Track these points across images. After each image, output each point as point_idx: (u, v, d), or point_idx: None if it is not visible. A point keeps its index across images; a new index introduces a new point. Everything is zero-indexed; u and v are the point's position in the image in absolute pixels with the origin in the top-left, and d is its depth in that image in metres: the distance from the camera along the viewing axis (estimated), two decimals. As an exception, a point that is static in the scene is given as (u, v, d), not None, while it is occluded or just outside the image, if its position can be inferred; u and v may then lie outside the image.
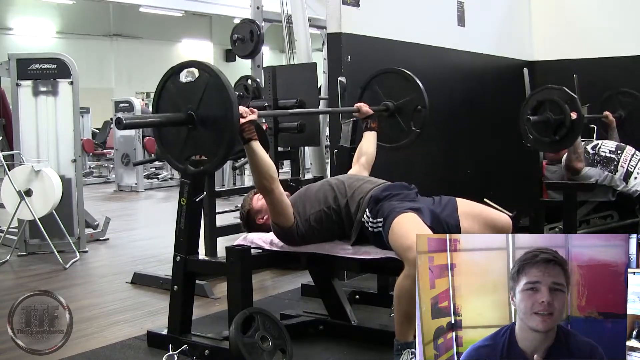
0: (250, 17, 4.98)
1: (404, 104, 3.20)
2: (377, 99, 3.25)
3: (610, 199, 4.30)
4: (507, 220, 2.61)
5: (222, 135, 2.21)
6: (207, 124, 2.23)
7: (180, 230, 2.78)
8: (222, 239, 4.07)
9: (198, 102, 2.23)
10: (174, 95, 2.29)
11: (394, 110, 3.22)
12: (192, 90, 2.26)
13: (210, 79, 2.22)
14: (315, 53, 4.99)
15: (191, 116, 2.24)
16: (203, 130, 2.24)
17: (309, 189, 2.73)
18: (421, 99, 3.15)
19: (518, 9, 5.43)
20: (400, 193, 2.58)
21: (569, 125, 3.60)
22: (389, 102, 3.22)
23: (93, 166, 11.75)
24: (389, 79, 3.27)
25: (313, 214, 2.62)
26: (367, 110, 3.10)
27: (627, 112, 4.72)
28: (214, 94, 2.20)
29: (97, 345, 2.92)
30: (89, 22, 16.76)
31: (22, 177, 4.56)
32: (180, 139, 2.30)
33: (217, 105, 2.20)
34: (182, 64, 2.36)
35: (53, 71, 5.00)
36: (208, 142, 2.25)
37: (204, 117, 2.23)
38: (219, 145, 2.23)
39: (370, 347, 2.78)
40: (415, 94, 3.16)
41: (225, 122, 2.19)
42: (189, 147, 2.31)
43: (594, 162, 4.21)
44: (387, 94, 3.23)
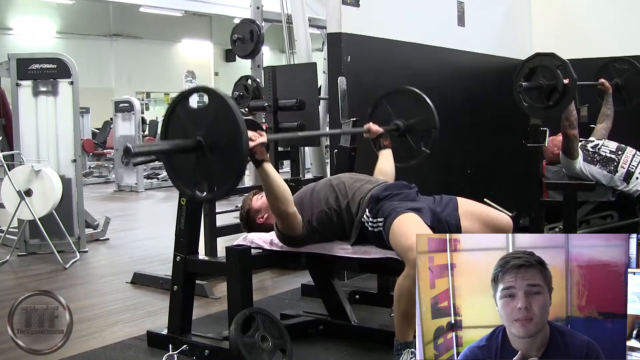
0: (250, 17, 4.98)
1: (414, 123, 3.16)
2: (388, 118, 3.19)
3: (610, 199, 4.30)
4: (508, 220, 2.61)
5: (231, 163, 2.17)
6: (216, 151, 2.18)
7: (180, 230, 2.78)
8: (222, 239, 4.07)
9: (207, 128, 2.18)
10: (183, 121, 2.24)
11: (404, 130, 3.17)
12: (201, 116, 2.21)
13: (219, 106, 2.17)
14: (315, 53, 4.99)
15: (200, 143, 2.18)
16: (212, 158, 2.18)
17: (310, 189, 2.73)
18: (432, 119, 3.10)
19: (518, 9, 5.43)
20: (401, 193, 2.58)
21: (561, 90, 3.63)
22: (399, 121, 3.18)
23: (93, 166, 11.75)
24: (400, 98, 3.22)
25: (315, 215, 2.62)
26: (377, 130, 3.03)
27: (624, 80, 4.73)
28: (222, 121, 2.15)
29: (97, 345, 2.92)
30: (89, 22, 16.77)
31: (22, 177, 4.56)
32: (189, 165, 2.25)
33: (226, 133, 2.15)
34: (191, 90, 2.32)
35: (53, 71, 5.00)
36: (217, 169, 2.20)
37: (213, 144, 2.17)
38: (228, 174, 2.18)
39: (370, 347, 2.78)
40: (426, 114, 3.12)
41: (235, 151, 2.14)
42: (197, 174, 2.26)
43: (594, 161, 4.21)
44: (398, 113, 3.19)
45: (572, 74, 3.62)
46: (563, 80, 3.61)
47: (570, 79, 3.61)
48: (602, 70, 4.73)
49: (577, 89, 4.57)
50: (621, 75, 4.73)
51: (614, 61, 4.76)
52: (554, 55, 3.71)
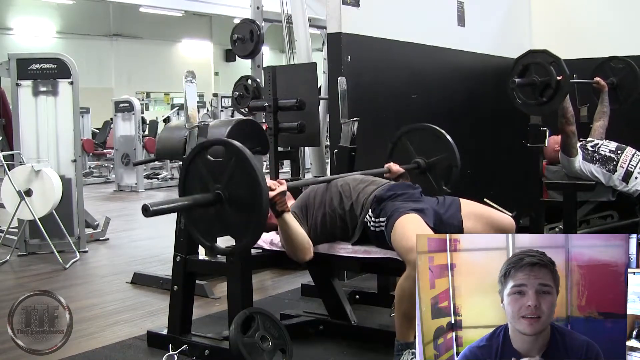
0: (250, 17, 4.98)
1: (435, 162, 3.15)
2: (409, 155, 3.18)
3: (610, 198, 4.30)
4: (510, 220, 2.61)
5: (250, 218, 2.17)
6: (235, 204, 2.18)
7: (180, 230, 2.78)
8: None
9: (226, 181, 2.18)
10: (202, 173, 2.24)
11: (425, 168, 3.15)
12: (219, 169, 2.20)
13: (237, 159, 2.16)
14: (315, 53, 4.99)
15: (219, 196, 2.18)
16: (231, 211, 2.18)
17: (315, 191, 2.72)
18: (453, 157, 3.09)
19: (518, 9, 5.43)
20: (405, 193, 2.58)
21: (555, 86, 3.64)
22: (420, 159, 3.16)
23: (93, 166, 11.75)
24: (420, 134, 3.22)
25: (319, 218, 2.62)
26: (397, 170, 3.00)
27: (619, 79, 4.74)
28: (241, 175, 2.15)
29: (97, 345, 2.92)
30: (89, 22, 16.78)
31: (22, 177, 4.56)
32: (208, 218, 2.25)
33: (246, 187, 2.15)
34: (211, 141, 2.32)
35: (53, 71, 5.00)
36: (236, 223, 2.20)
37: (233, 197, 2.17)
38: (248, 227, 2.18)
39: (370, 347, 2.78)
40: (447, 152, 3.11)
41: (254, 205, 2.14)
42: (217, 227, 2.26)
43: (593, 160, 4.21)
44: (418, 150, 3.17)
45: (565, 70, 3.63)
46: (556, 76, 3.63)
47: (563, 75, 3.63)
48: (598, 69, 4.75)
49: (576, 88, 4.62)
50: (617, 75, 4.75)
51: (610, 60, 4.77)
52: (547, 51, 3.73)
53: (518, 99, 3.77)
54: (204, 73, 18.37)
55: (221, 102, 11.63)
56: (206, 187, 2.22)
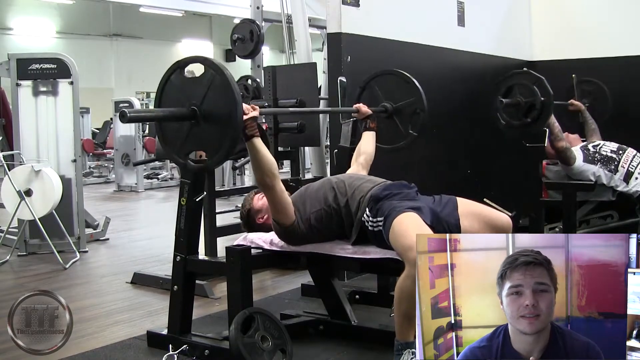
0: (250, 17, 4.98)
1: (402, 106, 3.19)
2: (376, 99, 3.24)
3: (611, 198, 4.30)
4: (507, 220, 2.61)
5: (225, 132, 2.21)
6: (210, 120, 2.22)
7: (180, 230, 2.78)
8: (222, 239, 4.07)
9: (202, 98, 2.22)
10: (178, 90, 2.29)
11: (392, 112, 3.20)
12: (196, 86, 2.25)
13: (215, 76, 2.20)
14: (315, 53, 4.99)
15: (194, 111, 2.23)
16: (206, 126, 2.23)
17: (310, 188, 2.74)
18: (420, 102, 3.13)
19: (518, 9, 5.43)
20: (401, 192, 2.58)
21: (539, 107, 3.68)
22: (387, 103, 3.21)
23: (93, 166, 11.75)
24: (389, 80, 3.26)
25: (313, 213, 2.62)
26: (365, 111, 3.10)
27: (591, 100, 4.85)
28: (218, 91, 2.19)
29: (97, 345, 2.92)
30: (89, 22, 16.76)
31: (22, 177, 4.56)
32: (182, 134, 2.29)
33: (221, 102, 2.19)
34: (188, 59, 2.35)
35: (53, 71, 5.00)
36: (210, 138, 2.24)
37: (208, 113, 2.22)
38: (221, 142, 2.22)
39: (370, 347, 2.78)
40: (414, 97, 3.15)
41: (229, 120, 2.18)
42: (190, 143, 2.30)
43: (594, 160, 4.21)
44: (386, 95, 3.22)
45: (548, 91, 3.65)
46: (540, 97, 3.68)
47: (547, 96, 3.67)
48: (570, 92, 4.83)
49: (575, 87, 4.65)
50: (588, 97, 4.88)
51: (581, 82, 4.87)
52: (530, 72, 3.79)
53: (502, 119, 3.80)
54: (204, 73, 18.34)
55: (221, 102, 11.60)
56: (182, 103, 2.25)
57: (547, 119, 3.81)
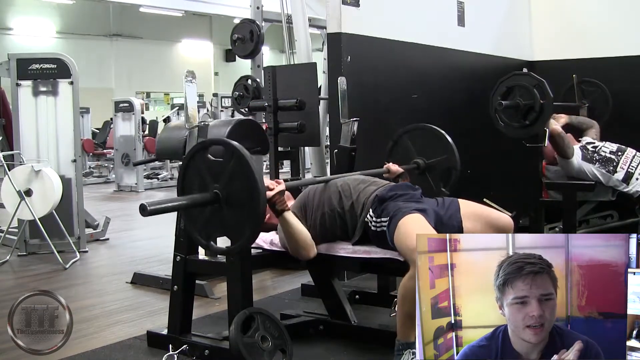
0: (250, 17, 4.98)
1: (435, 163, 3.15)
2: (408, 154, 3.19)
3: (611, 198, 4.30)
4: (509, 220, 2.62)
5: (247, 219, 2.18)
6: (232, 205, 2.19)
7: (180, 230, 2.78)
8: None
9: (224, 182, 2.18)
10: (201, 172, 2.24)
11: (424, 169, 3.16)
12: (218, 169, 2.21)
13: (236, 160, 2.17)
14: (315, 53, 4.99)
15: (217, 196, 2.19)
16: (228, 212, 2.19)
17: (314, 190, 2.72)
18: (453, 160, 3.11)
19: (518, 9, 5.42)
20: (406, 193, 2.59)
21: (538, 110, 3.68)
22: (419, 159, 3.17)
23: (93, 166, 11.75)
24: (420, 134, 3.22)
25: (318, 217, 2.62)
26: (396, 170, 3.02)
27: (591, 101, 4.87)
28: (240, 175, 2.16)
29: (97, 345, 2.92)
30: (89, 22, 16.77)
31: (22, 177, 4.56)
32: (204, 217, 2.25)
33: (244, 187, 2.15)
34: (209, 141, 2.33)
35: (53, 71, 5.00)
36: (234, 223, 2.21)
37: (230, 198, 2.18)
38: (244, 228, 2.19)
39: (370, 347, 2.78)
40: (447, 153, 3.12)
41: (251, 208, 2.15)
42: (214, 226, 2.27)
43: (592, 160, 4.21)
44: (418, 150, 3.18)
45: (548, 93, 3.66)
46: (540, 99, 3.66)
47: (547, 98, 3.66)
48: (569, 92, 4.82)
49: (575, 87, 4.66)
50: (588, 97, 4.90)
51: (581, 83, 4.87)
52: (531, 74, 3.79)
53: (501, 121, 3.81)
54: (204, 73, 18.37)
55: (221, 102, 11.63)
56: (204, 187, 2.22)
57: (546, 121, 3.81)
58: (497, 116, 3.82)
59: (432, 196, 2.82)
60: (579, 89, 4.86)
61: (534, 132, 3.82)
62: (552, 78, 4.00)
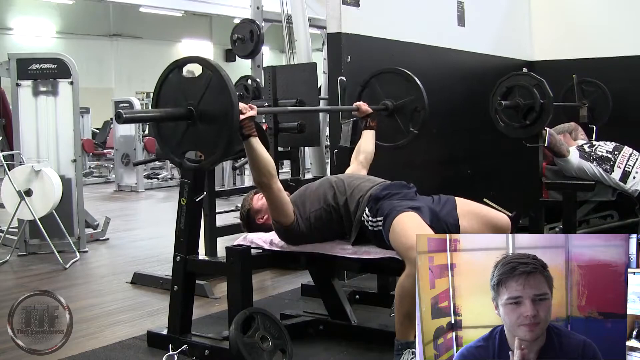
0: (250, 17, 4.98)
1: (403, 104, 3.20)
2: (377, 97, 3.24)
3: (610, 198, 4.30)
4: (506, 219, 2.61)
5: (221, 133, 2.21)
6: (206, 120, 2.22)
7: (180, 230, 2.78)
8: (222, 239, 4.07)
9: (199, 98, 2.21)
10: (175, 90, 2.28)
11: (392, 110, 3.21)
12: (193, 86, 2.25)
13: (213, 77, 2.20)
14: (315, 53, 4.99)
15: (191, 112, 2.22)
16: (202, 127, 2.23)
17: (309, 187, 2.74)
18: (421, 100, 3.14)
19: (518, 9, 5.42)
20: (400, 192, 2.59)
21: (538, 110, 3.70)
22: (388, 101, 3.21)
23: (93, 166, 11.75)
24: (390, 78, 3.26)
25: (313, 212, 2.62)
26: (366, 109, 3.09)
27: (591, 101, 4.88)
28: (215, 91, 2.19)
29: (97, 345, 2.92)
30: (89, 22, 16.76)
31: (22, 177, 4.56)
32: (178, 134, 2.29)
33: (218, 102, 2.19)
34: (185, 59, 2.35)
35: (53, 71, 5.00)
36: (207, 138, 2.24)
37: (204, 113, 2.22)
38: (217, 143, 2.22)
39: (370, 347, 2.78)
40: (415, 94, 3.16)
41: (225, 120, 2.18)
42: (187, 142, 2.30)
43: (590, 159, 4.21)
44: (387, 94, 3.23)
45: (548, 93, 3.66)
46: (540, 99, 3.67)
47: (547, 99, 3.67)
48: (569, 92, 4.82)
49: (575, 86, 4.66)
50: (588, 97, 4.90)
51: (581, 83, 4.87)
52: (531, 74, 3.80)
53: (501, 121, 3.82)
54: (204, 73, 18.33)
55: (221, 102, 11.60)
56: (179, 103, 2.25)
57: (546, 121, 3.82)
58: (497, 116, 3.82)
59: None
60: (579, 89, 4.86)
61: (534, 132, 3.82)
62: (552, 78, 4.01)
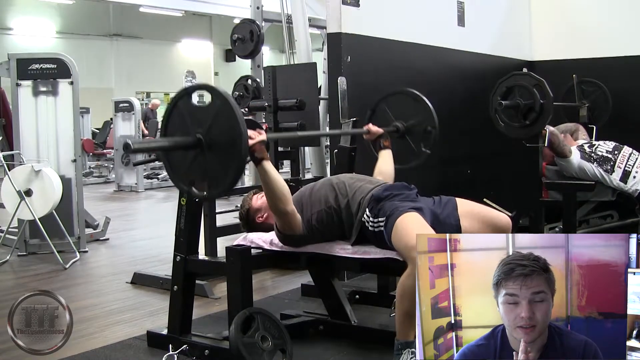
0: (250, 17, 4.98)
1: (413, 124, 3.16)
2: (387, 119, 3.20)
3: (611, 198, 4.30)
4: (507, 220, 2.61)
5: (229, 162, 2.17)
6: (215, 149, 2.18)
7: (180, 230, 2.78)
8: (222, 239, 4.07)
9: (207, 126, 2.18)
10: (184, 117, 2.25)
11: (404, 131, 3.17)
12: (202, 114, 2.21)
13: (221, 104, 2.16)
14: (315, 53, 4.99)
15: (200, 141, 2.18)
16: (210, 156, 2.19)
17: (310, 188, 2.73)
18: (431, 119, 3.10)
19: (518, 9, 5.43)
20: (402, 193, 2.59)
21: (538, 110, 3.70)
22: (398, 123, 3.17)
23: (93, 166, 11.75)
24: (399, 100, 3.22)
25: (314, 214, 2.62)
26: (376, 131, 3.05)
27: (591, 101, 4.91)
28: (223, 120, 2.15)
29: (97, 345, 2.92)
30: (89, 22, 16.77)
31: (22, 177, 4.56)
32: (187, 162, 2.25)
33: (226, 132, 2.15)
34: (194, 86, 2.32)
35: (53, 71, 5.00)
36: (215, 168, 2.20)
37: (213, 142, 2.18)
38: (226, 173, 2.18)
39: (370, 347, 2.78)
40: (424, 114, 3.12)
41: (234, 151, 2.14)
42: (195, 171, 2.26)
43: (591, 159, 4.21)
44: (397, 115, 3.19)
45: (548, 93, 3.66)
46: (540, 99, 3.68)
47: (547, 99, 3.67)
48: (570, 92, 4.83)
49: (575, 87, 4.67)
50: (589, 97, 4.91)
51: (581, 83, 4.89)
52: (531, 74, 3.81)
53: (501, 121, 3.82)
54: (204, 73, 18.36)
55: (221, 102, 11.61)
56: (187, 131, 2.22)
57: (546, 121, 3.82)
58: (497, 116, 3.83)
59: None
60: (579, 89, 4.86)
61: (534, 132, 3.83)
62: (552, 78, 4.01)
